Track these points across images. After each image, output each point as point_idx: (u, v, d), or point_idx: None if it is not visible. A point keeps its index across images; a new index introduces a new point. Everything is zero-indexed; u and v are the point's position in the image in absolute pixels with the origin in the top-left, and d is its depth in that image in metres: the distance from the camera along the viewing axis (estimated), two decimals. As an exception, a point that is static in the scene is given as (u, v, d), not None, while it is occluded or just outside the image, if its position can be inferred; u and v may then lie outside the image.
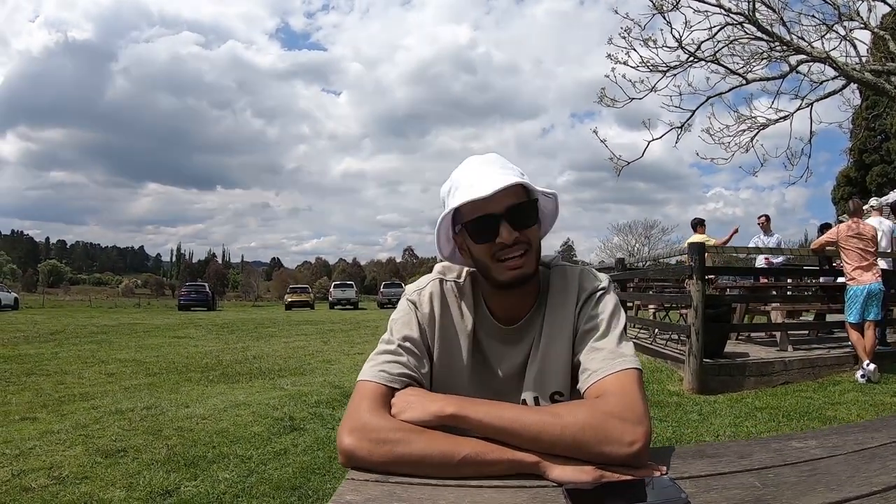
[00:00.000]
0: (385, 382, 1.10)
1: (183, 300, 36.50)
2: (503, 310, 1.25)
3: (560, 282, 1.25)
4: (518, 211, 1.15)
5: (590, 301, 1.21)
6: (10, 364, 8.83)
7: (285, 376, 7.80)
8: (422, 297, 1.25)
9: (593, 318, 1.18)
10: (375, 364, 1.14)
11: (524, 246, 1.16)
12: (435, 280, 1.28)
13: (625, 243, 47.45)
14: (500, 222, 1.14)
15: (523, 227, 1.16)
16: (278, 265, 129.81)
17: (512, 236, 1.14)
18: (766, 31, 9.08)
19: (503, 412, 0.99)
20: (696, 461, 1.00)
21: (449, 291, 1.27)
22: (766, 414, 5.16)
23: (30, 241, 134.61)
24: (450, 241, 1.27)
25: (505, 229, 1.13)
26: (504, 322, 1.26)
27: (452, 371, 1.23)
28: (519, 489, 0.89)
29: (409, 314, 1.23)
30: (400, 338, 1.19)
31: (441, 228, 1.23)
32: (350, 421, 1.02)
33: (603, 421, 0.96)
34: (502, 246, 1.14)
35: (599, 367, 1.10)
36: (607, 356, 1.11)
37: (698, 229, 9.82)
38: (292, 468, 3.84)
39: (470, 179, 1.18)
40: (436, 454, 0.94)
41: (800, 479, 0.91)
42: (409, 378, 1.13)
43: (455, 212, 1.20)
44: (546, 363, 1.21)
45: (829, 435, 1.17)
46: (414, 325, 1.21)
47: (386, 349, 1.17)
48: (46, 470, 3.78)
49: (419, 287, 1.28)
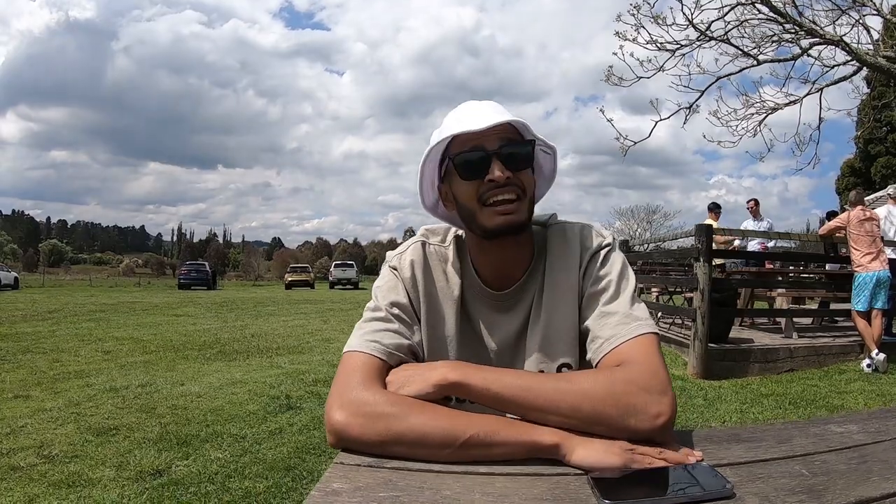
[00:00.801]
0: (378, 354, 0.98)
1: (183, 279, 36.62)
2: (493, 271, 1.13)
3: (560, 241, 1.13)
4: (512, 150, 1.04)
5: (594, 260, 1.09)
6: (6, 342, 8.76)
7: (283, 355, 7.75)
8: (402, 261, 1.13)
9: (600, 278, 1.07)
10: (365, 333, 1.02)
11: (516, 189, 1.04)
12: (417, 243, 1.16)
13: (627, 227, 47.39)
14: (492, 159, 1.03)
15: (517, 168, 1.04)
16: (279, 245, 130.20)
17: (504, 174, 1.02)
18: (778, 11, 8.88)
19: (513, 379, 0.88)
20: (733, 445, 0.90)
21: (432, 255, 1.15)
22: (772, 401, 5.07)
23: (30, 221, 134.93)
24: (434, 189, 1.15)
25: (497, 166, 1.02)
26: (495, 287, 1.13)
27: (439, 342, 1.11)
28: (536, 478, 0.77)
29: (393, 280, 1.12)
30: (387, 304, 1.07)
31: (426, 171, 1.11)
32: (339, 395, 0.90)
33: (625, 391, 0.85)
34: (492, 185, 1.03)
35: (613, 334, 0.98)
36: (621, 320, 0.99)
37: (711, 214, 9.68)
38: (287, 448, 3.74)
39: (463, 116, 1.06)
40: (437, 432, 0.82)
41: (849, 466, 0.82)
42: (403, 349, 1.02)
43: (444, 154, 1.08)
44: (550, 331, 1.09)
45: (868, 419, 1.09)
46: (400, 290, 1.10)
47: (374, 317, 1.06)
48: (36, 448, 3.71)
49: (400, 252, 1.16)
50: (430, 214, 1.19)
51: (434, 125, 1.15)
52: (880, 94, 13.77)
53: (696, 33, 9.07)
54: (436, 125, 1.13)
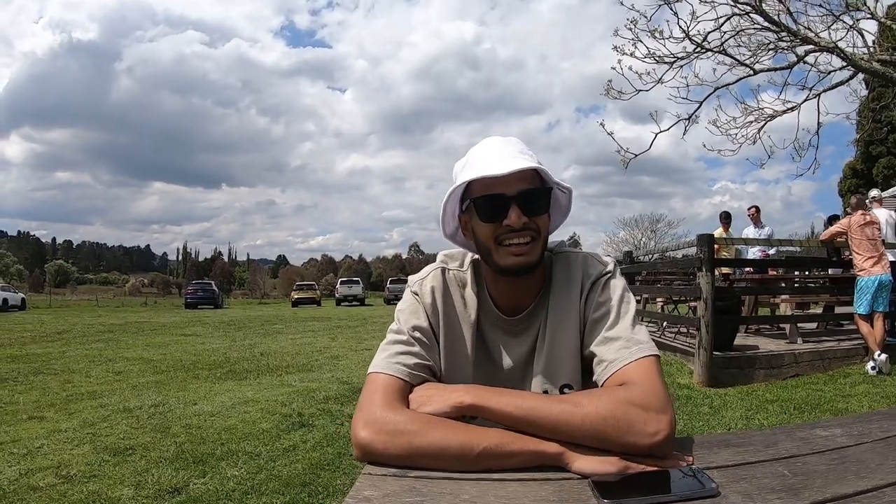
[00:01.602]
0: (401, 375, 1.07)
1: (190, 298, 36.65)
2: (506, 299, 1.21)
3: (563, 269, 1.21)
4: (530, 196, 1.11)
5: (595, 287, 1.17)
6: (17, 363, 8.85)
7: (293, 373, 7.79)
8: (424, 287, 1.21)
9: (601, 304, 1.14)
10: (388, 355, 1.11)
11: (532, 233, 1.12)
12: (437, 269, 1.24)
13: (631, 237, 47.27)
14: (511, 204, 1.10)
15: (533, 213, 1.12)
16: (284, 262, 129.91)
17: (521, 220, 1.10)
18: (773, 21, 9.00)
19: (524, 401, 0.96)
20: (722, 450, 0.98)
21: (451, 281, 1.23)
22: (777, 406, 5.12)
23: (36, 242, 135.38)
24: (455, 219, 1.23)
25: (514, 212, 1.09)
26: (507, 312, 1.22)
27: (457, 363, 1.19)
28: (543, 482, 0.86)
29: (415, 304, 1.20)
30: (409, 328, 1.15)
31: (448, 204, 1.19)
32: (364, 413, 0.99)
33: (626, 410, 0.93)
34: (508, 229, 1.10)
35: (617, 357, 1.06)
36: (623, 345, 1.07)
37: (722, 224, 9.70)
38: (301, 464, 3.82)
39: (486, 157, 1.14)
40: (454, 446, 0.91)
41: (829, 467, 0.90)
42: (424, 369, 1.11)
43: (466, 189, 1.16)
44: (553, 354, 1.17)
45: (853, 423, 1.16)
46: (421, 315, 1.18)
47: (397, 339, 1.14)
48: (54, 468, 3.78)
49: (421, 277, 1.24)
50: (450, 241, 1.27)
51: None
52: (879, 94, 13.84)
53: (692, 45, 9.19)
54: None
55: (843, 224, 6.78)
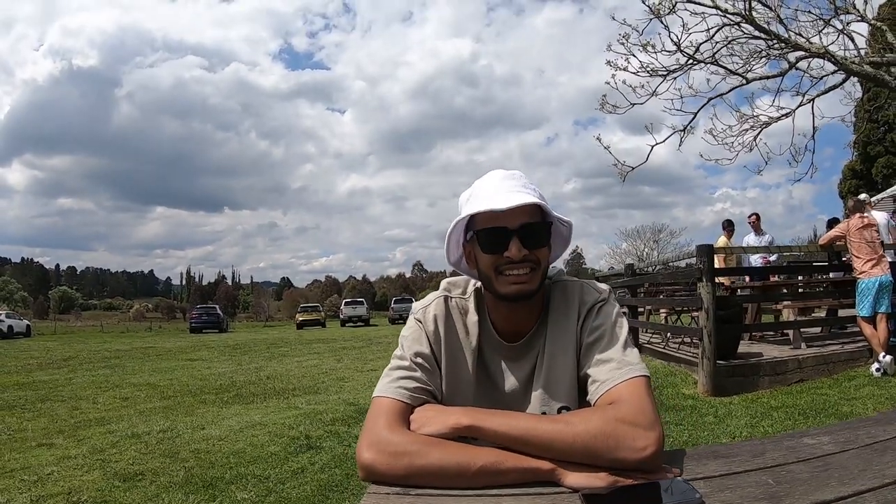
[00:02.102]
0: (401, 398, 1.12)
1: (194, 322, 36.65)
2: (507, 324, 1.26)
3: (561, 296, 1.27)
4: (531, 230, 1.17)
5: (591, 313, 1.23)
6: (24, 391, 8.91)
7: (300, 395, 7.81)
8: (427, 315, 1.26)
9: (595, 329, 1.20)
10: (391, 380, 1.16)
11: (531, 264, 1.17)
12: (440, 298, 1.30)
13: (634, 248, 47.29)
14: (512, 238, 1.15)
15: (533, 246, 1.17)
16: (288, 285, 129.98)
17: (521, 253, 1.15)
18: (763, 29, 9.09)
19: (517, 422, 1.01)
20: (710, 462, 1.02)
21: (454, 308, 1.28)
22: (782, 413, 5.12)
23: (40, 269, 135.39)
24: (459, 247, 1.29)
25: (515, 245, 1.15)
26: (508, 338, 1.27)
27: (459, 387, 1.24)
28: (536, 496, 0.91)
29: (417, 331, 1.25)
30: (412, 354, 1.21)
31: (453, 233, 1.25)
32: (368, 436, 1.04)
33: (615, 428, 0.98)
34: (508, 261, 1.16)
35: (608, 377, 1.11)
36: (615, 366, 1.13)
37: (724, 232, 9.71)
38: (310, 486, 3.84)
39: (490, 190, 1.20)
40: (452, 465, 0.96)
41: (812, 474, 0.93)
42: (425, 393, 1.16)
43: (470, 219, 1.22)
44: (551, 378, 1.22)
45: (841, 430, 1.18)
46: (424, 341, 1.23)
47: (399, 365, 1.19)
48: (65, 495, 3.80)
49: (424, 305, 1.29)
50: (454, 268, 1.34)
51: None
52: (874, 95, 13.88)
53: (685, 57, 9.28)
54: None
55: (841, 228, 6.82)
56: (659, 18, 8.96)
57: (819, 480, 0.90)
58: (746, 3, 8.88)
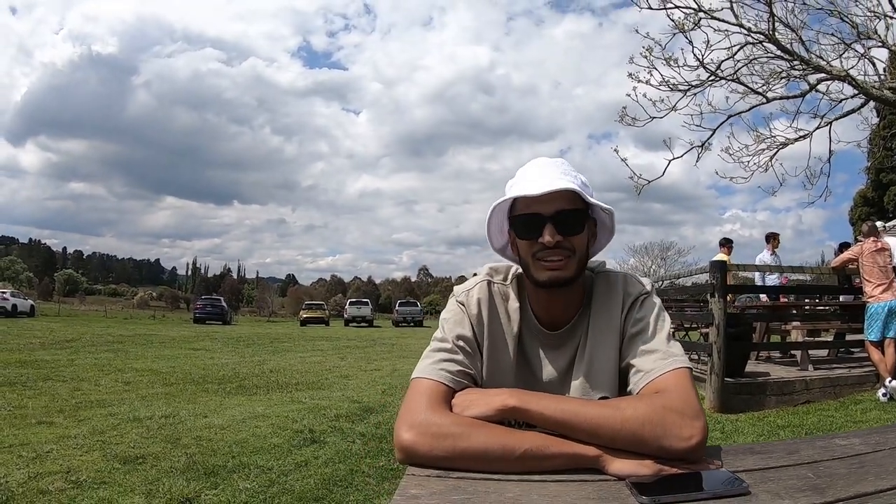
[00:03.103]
0: (444, 381, 1.10)
1: (198, 313, 36.84)
2: (547, 314, 1.26)
3: (604, 287, 1.26)
4: (566, 216, 1.16)
5: (635, 305, 1.22)
6: (26, 369, 8.93)
7: (303, 390, 7.80)
8: (470, 298, 1.25)
9: (639, 320, 1.19)
10: (433, 362, 1.14)
11: (566, 251, 1.17)
12: (483, 282, 1.28)
13: (641, 265, 47.20)
14: (546, 223, 1.15)
15: (569, 233, 1.17)
16: (293, 281, 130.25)
17: (554, 239, 1.15)
18: (785, 49, 9.07)
19: (564, 405, 1.00)
20: (747, 457, 1.02)
21: (496, 294, 1.27)
22: (788, 432, 5.10)
23: (47, 251, 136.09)
24: (504, 234, 1.29)
25: (548, 231, 1.15)
26: (548, 326, 1.26)
27: (499, 372, 1.23)
28: (583, 483, 0.90)
29: (460, 314, 1.24)
30: (454, 336, 1.19)
31: (494, 220, 1.25)
32: (409, 417, 1.02)
33: (662, 416, 0.97)
34: (543, 247, 1.16)
35: (654, 367, 1.11)
36: (660, 356, 1.12)
37: (723, 248, 9.75)
38: (314, 479, 3.82)
39: (529, 176, 1.20)
40: (497, 448, 0.94)
41: (849, 470, 0.95)
42: (466, 377, 1.14)
43: (512, 205, 1.22)
44: (593, 367, 1.21)
45: (870, 434, 1.22)
46: (466, 324, 1.22)
47: (441, 347, 1.18)
48: (63, 473, 3.77)
49: (467, 288, 1.28)
50: (499, 255, 1.33)
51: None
52: (890, 122, 13.84)
53: (706, 73, 9.26)
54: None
55: (854, 251, 6.79)
56: (683, 33, 8.94)
57: (857, 475, 0.92)
58: (770, 23, 8.87)
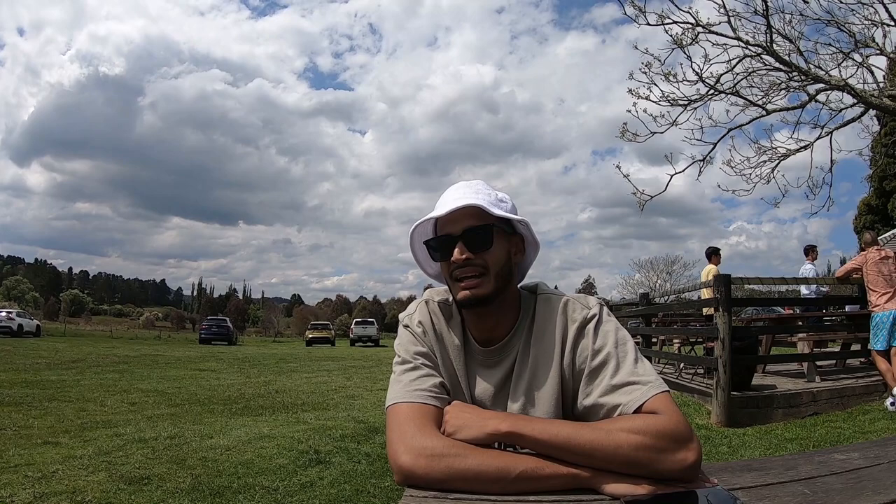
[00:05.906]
0: (423, 401, 1.11)
1: (204, 334, 36.85)
2: (478, 331, 1.27)
3: (545, 310, 1.25)
4: (474, 232, 1.18)
5: (584, 333, 1.19)
6: (32, 389, 8.93)
7: (308, 410, 7.76)
8: (413, 320, 1.29)
9: (597, 353, 1.16)
10: (404, 385, 1.16)
11: (479, 268, 1.18)
12: (422, 303, 1.32)
13: (647, 280, 47.11)
14: (457, 242, 1.18)
15: (478, 249, 1.18)
16: (299, 301, 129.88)
17: (463, 256, 1.17)
18: (784, 61, 9.11)
19: (559, 429, 1.00)
20: (745, 474, 1.03)
21: (435, 312, 1.30)
22: (796, 445, 5.07)
23: (53, 270, 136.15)
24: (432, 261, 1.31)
25: (458, 249, 1.17)
26: (482, 343, 1.27)
27: (451, 387, 1.24)
28: (579, 503, 0.91)
29: (409, 335, 1.26)
30: (412, 354, 1.22)
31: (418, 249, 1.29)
32: (402, 442, 1.03)
33: (656, 440, 0.97)
34: (456, 265, 1.18)
35: (630, 399, 1.09)
36: (634, 388, 1.10)
37: (713, 258, 9.75)
38: (319, 500, 3.81)
39: (443, 200, 1.23)
40: (492, 469, 0.95)
41: (846, 485, 0.95)
42: (442, 388, 1.16)
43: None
44: (532, 391, 1.20)
45: (869, 447, 1.23)
46: (418, 342, 1.24)
47: (406, 368, 1.20)
48: (69, 494, 3.76)
49: (410, 313, 1.31)
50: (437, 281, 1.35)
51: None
52: (891, 130, 13.85)
53: (706, 87, 9.30)
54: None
55: (858, 260, 6.78)
56: (682, 48, 9.00)
57: (853, 491, 0.92)
58: (767, 36, 8.91)
